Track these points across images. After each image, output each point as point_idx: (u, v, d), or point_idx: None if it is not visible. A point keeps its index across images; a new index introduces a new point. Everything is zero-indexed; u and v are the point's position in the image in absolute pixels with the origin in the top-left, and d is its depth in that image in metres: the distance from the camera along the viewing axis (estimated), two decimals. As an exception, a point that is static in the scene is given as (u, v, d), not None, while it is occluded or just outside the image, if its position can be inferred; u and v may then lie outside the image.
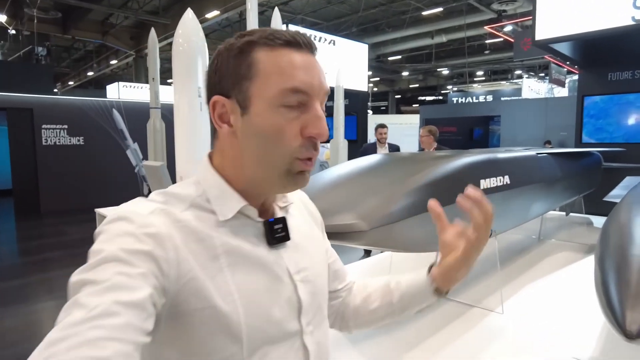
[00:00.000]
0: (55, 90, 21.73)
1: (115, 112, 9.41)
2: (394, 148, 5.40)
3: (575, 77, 10.49)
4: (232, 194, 0.67)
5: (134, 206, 0.62)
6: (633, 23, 4.05)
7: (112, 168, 9.11)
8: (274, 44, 0.64)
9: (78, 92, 22.39)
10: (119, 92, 13.53)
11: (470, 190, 0.79)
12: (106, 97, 12.18)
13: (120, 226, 0.57)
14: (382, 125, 5.41)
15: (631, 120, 5.53)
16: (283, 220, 0.72)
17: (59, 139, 8.74)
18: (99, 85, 22.12)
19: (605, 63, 5.50)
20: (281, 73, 0.63)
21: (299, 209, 0.81)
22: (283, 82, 0.63)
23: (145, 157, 7.56)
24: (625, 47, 4.90)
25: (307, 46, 0.66)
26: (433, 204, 0.84)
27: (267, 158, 0.65)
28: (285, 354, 0.67)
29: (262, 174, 0.66)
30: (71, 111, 8.94)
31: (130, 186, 8.99)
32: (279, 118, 0.63)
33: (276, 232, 0.70)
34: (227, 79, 0.65)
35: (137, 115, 9.15)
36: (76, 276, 0.52)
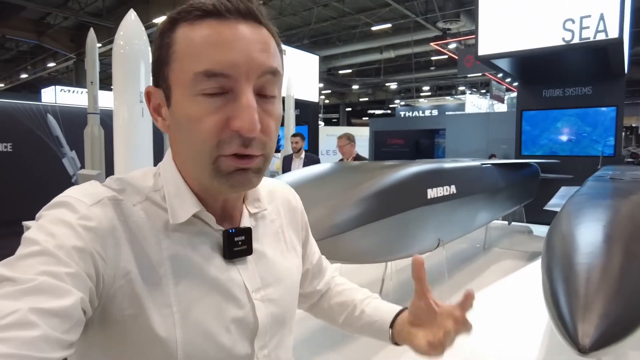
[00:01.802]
0: (-17, 93, 20.07)
1: (50, 118, 8.76)
2: (312, 159, 5.01)
3: (514, 94, 11.14)
4: (188, 195, 0.58)
5: (83, 191, 0.54)
6: (563, 43, 4.34)
7: (45, 177, 8.42)
8: (191, 16, 0.53)
9: (8, 95, 20.75)
10: (56, 96, 12.66)
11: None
12: (40, 101, 11.35)
13: (60, 214, 0.50)
14: (295, 134, 5.08)
15: (563, 135, 5.92)
16: (247, 231, 0.62)
17: (-18, 145, 7.99)
18: (34, 89, 20.64)
19: (540, 80, 5.87)
20: (193, 53, 0.52)
21: (278, 213, 0.72)
22: (195, 65, 0.52)
23: (83, 166, 7.07)
24: (557, 66, 5.26)
25: (235, 13, 0.53)
26: (417, 261, 0.70)
27: (190, 156, 0.56)
28: None
29: (198, 174, 0.57)
30: (-2, 115, 8.22)
31: (65, 197, 8.38)
32: (195, 109, 0.53)
33: (236, 245, 0.60)
34: (154, 66, 0.58)
35: (75, 121, 8.56)
36: None
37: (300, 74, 8.78)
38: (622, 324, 0.88)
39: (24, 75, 20.84)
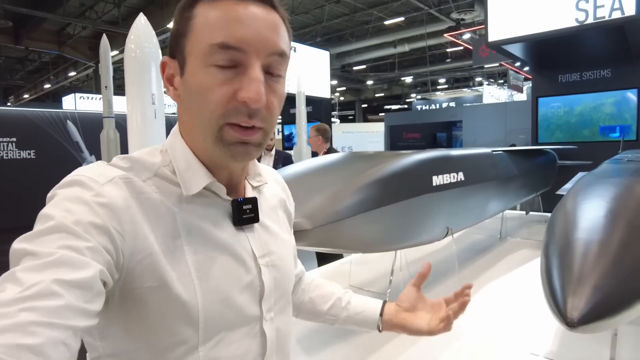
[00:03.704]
0: (9, 104, 20.74)
1: (70, 124, 9.00)
2: (283, 156, 4.80)
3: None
4: (199, 167, 0.62)
5: (93, 171, 0.57)
6: (576, 24, 4.19)
7: (67, 182, 8.67)
8: None
9: (34, 105, 21.44)
10: (76, 103, 13.02)
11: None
12: (61, 109, 11.68)
13: (74, 192, 0.53)
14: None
15: (581, 120, 5.73)
16: (253, 200, 0.68)
17: (7, 153, 8.25)
18: (56, 98, 21.25)
19: (555, 65, 5.70)
20: (211, 27, 0.57)
21: (272, 191, 0.78)
22: (211, 37, 0.56)
23: (102, 170, 7.23)
24: (572, 49, 5.09)
25: None
26: (428, 265, 0.90)
27: (198, 123, 0.60)
28: (242, 339, 0.64)
29: (201, 141, 0.61)
30: (20, 123, 8.48)
31: (87, 201, 8.60)
32: (207, 78, 0.57)
33: (244, 213, 0.66)
34: (172, 38, 0.62)
35: (94, 126, 8.77)
36: (18, 244, 0.47)
37: (311, 71, 8.77)
38: (616, 298, 0.83)
39: (47, 86, 21.49)
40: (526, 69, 12.06)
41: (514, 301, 2.43)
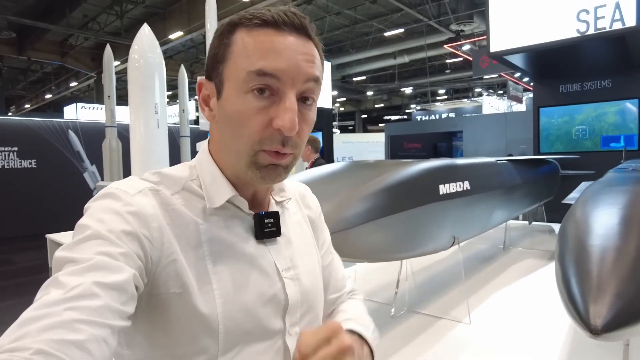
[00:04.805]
0: (10, 114, 20.80)
1: (72, 134, 9.02)
2: None
3: (532, 94, 10.96)
4: (224, 182, 0.65)
5: (124, 184, 0.60)
6: (577, 35, 4.23)
7: (67, 192, 8.65)
8: (251, 24, 0.60)
9: (35, 115, 21.51)
10: (77, 113, 13.06)
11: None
12: (62, 118, 11.71)
13: (106, 203, 0.57)
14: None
15: (582, 130, 5.75)
16: (275, 214, 0.69)
17: (8, 162, 8.26)
18: (57, 108, 21.33)
19: (556, 75, 5.74)
20: (250, 55, 0.59)
21: (297, 205, 0.79)
22: (250, 65, 0.58)
23: (103, 179, 7.23)
24: (573, 59, 5.13)
25: (290, 26, 0.60)
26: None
27: (233, 146, 0.62)
28: (264, 352, 0.63)
29: (234, 162, 0.63)
30: (22, 132, 8.50)
31: (87, 210, 8.58)
32: (245, 105, 0.59)
33: (266, 227, 0.67)
34: (210, 62, 0.65)
35: (95, 136, 8.80)
36: (59, 252, 0.51)
37: (313, 81, 8.80)
38: (638, 304, 0.83)
39: (48, 96, 21.58)
40: (525, 79, 12.15)
41: (521, 310, 2.42)
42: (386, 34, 14.54)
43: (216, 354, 0.59)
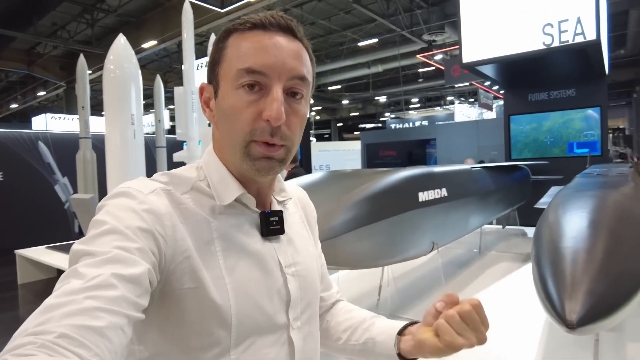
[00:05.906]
0: (-27, 124, 19.94)
1: (42, 145, 8.73)
2: None
3: (502, 102, 11.35)
4: (232, 180, 0.68)
5: (137, 184, 0.63)
6: (543, 47, 4.45)
7: (37, 205, 8.36)
8: (243, 28, 0.66)
9: (0, 125, 20.66)
10: (47, 123, 12.64)
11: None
12: (31, 129, 11.32)
13: (122, 201, 0.59)
14: None
15: (550, 137, 6.01)
16: (279, 213, 0.72)
17: (-26, 175, 7.92)
18: (24, 118, 20.60)
19: (525, 85, 5.99)
20: (240, 55, 0.64)
21: (295, 206, 0.82)
22: (240, 63, 0.64)
23: (76, 191, 7.03)
24: (540, 70, 5.37)
25: (276, 27, 0.66)
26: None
27: (229, 140, 0.67)
28: (271, 345, 0.67)
29: (231, 157, 0.67)
30: (-11, 144, 8.18)
31: (59, 224, 8.27)
32: (237, 100, 0.64)
33: (271, 224, 0.71)
34: (208, 66, 0.70)
35: (67, 147, 8.55)
36: (77, 246, 0.54)
37: (290, 91, 8.81)
38: (609, 300, 0.90)
39: (14, 105, 20.82)
40: (495, 87, 12.57)
41: (499, 311, 2.50)
42: (360, 44, 14.78)
43: (229, 347, 0.62)
